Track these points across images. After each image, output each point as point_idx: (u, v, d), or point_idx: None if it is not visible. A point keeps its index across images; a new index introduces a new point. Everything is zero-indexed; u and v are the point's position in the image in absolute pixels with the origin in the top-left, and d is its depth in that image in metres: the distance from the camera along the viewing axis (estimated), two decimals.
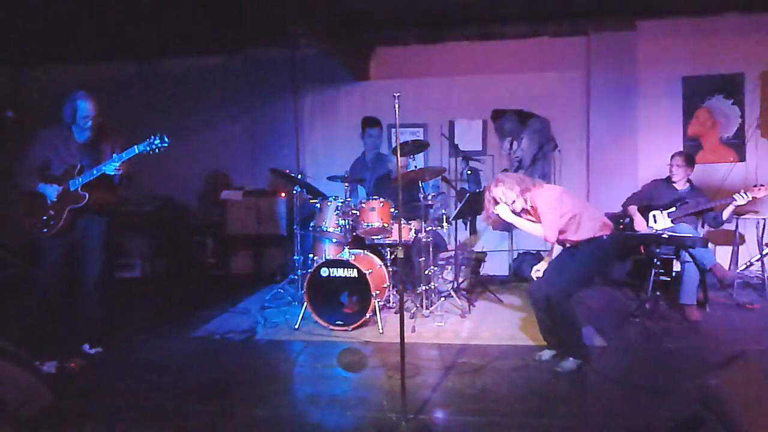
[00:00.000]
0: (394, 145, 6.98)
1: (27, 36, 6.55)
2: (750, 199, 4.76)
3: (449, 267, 5.89)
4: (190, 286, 6.73)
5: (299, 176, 5.73)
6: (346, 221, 4.97)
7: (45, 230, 3.99)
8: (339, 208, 5.02)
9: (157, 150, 3.85)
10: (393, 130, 7.05)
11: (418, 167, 5.35)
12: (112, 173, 3.89)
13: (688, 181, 5.26)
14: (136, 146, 3.87)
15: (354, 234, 5.10)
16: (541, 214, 3.80)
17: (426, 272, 5.19)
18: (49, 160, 4.04)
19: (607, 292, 5.86)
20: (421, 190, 5.17)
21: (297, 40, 6.76)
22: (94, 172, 3.92)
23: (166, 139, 3.87)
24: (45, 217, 3.99)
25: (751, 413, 2.37)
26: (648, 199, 5.33)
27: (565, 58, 6.94)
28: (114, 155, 3.89)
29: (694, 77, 6.66)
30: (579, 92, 6.97)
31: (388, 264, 5.18)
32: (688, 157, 5.28)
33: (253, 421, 3.17)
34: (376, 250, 5.31)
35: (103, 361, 4.12)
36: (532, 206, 3.89)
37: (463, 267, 6.07)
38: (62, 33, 6.51)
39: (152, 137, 3.86)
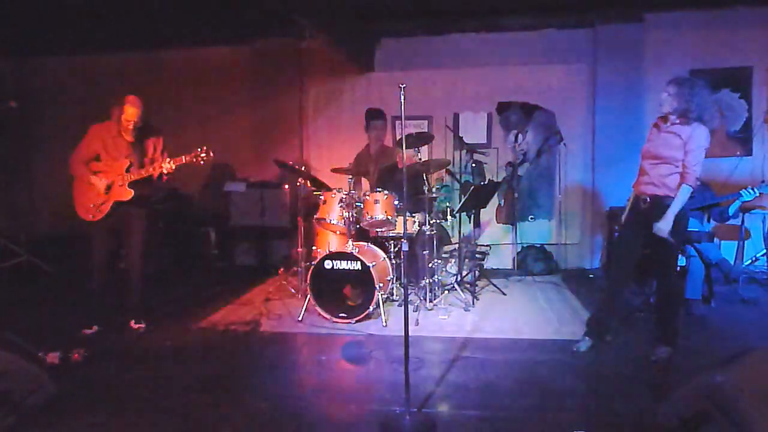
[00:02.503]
0: (398, 136, 6.95)
1: (31, 26, 6.53)
2: (757, 195, 4.73)
3: (453, 260, 5.88)
4: (194, 277, 6.73)
5: (303, 168, 5.71)
6: (350, 213, 4.96)
7: (92, 216, 4.42)
8: (343, 200, 5.00)
9: (201, 162, 4.35)
10: (397, 122, 7.02)
11: (422, 159, 5.32)
12: (165, 173, 4.42)
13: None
14: (183, 156, 4.38)
15: (358, 226, 5.09)
16: (692, 152, 3.56)
17: (430, 265, 5.18)
18: (97, 153, 4.44)
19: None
20: (426, 183, 5.15)
21: (303, 32, 6.73)
22: (143, 172, 4.40)
23: (211, 154, 4.36)
24: (93, 205, 4.42)
25: (758, 409, 2.36)
26: None
27: (572, 51, 6.90)
28: (165, 161, 4.40)
29: (702, 70, 6.60)
30: (585, 85, 6.93)
31: (392, 257, 5.17)
32: None
33: (257, 412, 3.17)
34: (380, 242, 5.30)
35: (107, 351, 4.13)
36: (676, 130, 3.63)
37: (466, 260, 6.06)
38: (66, 23, 6.49)
39: (199, 149, 4.35)
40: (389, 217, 4.94)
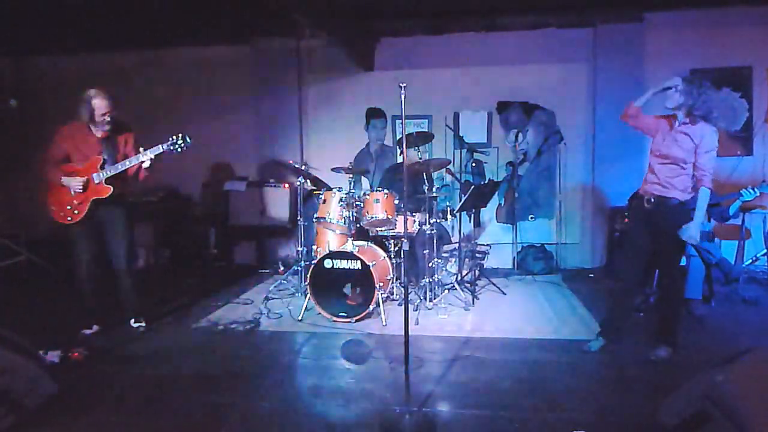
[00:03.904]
0: (398, 136, 6.95)
1: (30, 25, 6.52)
2: (757, 194, 4.73)
3: (453, 259, 5.88)
4: (194, 276, 6.73)
5: (303, 167, 5.71)
6: (350, 213, 4.96)
7: (69, 219, 4.30)
8: (343, 199, 5.00)
9: (179, 149, 4.22)
10: (397, 121, 7.02)
11: (422, 159, 5.32)
12: (146, 165, 4.29)
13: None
14: (161, 145, 4.24)
15: (358, 226, 5.09)
16: (706, 155, 3.57)
17: (430, 264, 5.18)
18: (68, 154, 4.33)
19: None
20: (426, 182, 5.14)
21: (302, 31, 6.73)
22: (119, 166, 4.26)
23: (188, 140, 4.21)
24: (69, 207, 4.29)
25: (758, 409, 2.36)
26: None
27: (572, 50, 6.89)
28: (141, 151, 4.26)
29: (702, 70, 6.58)
30: (585, 84, 6.92)
31: (392, 256, 5.17)
32: None
33: (256, 412, 3.17)
34: (380, 242, 5.30)
35: (106, 350, 4.13)
36: (686, 131, 3.62)
37: (466, 259, 6.06)
38: (66, 22, 6.47)
39: (174, 137, 4.23)
40: (389, 217, 4.93)
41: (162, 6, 5.87)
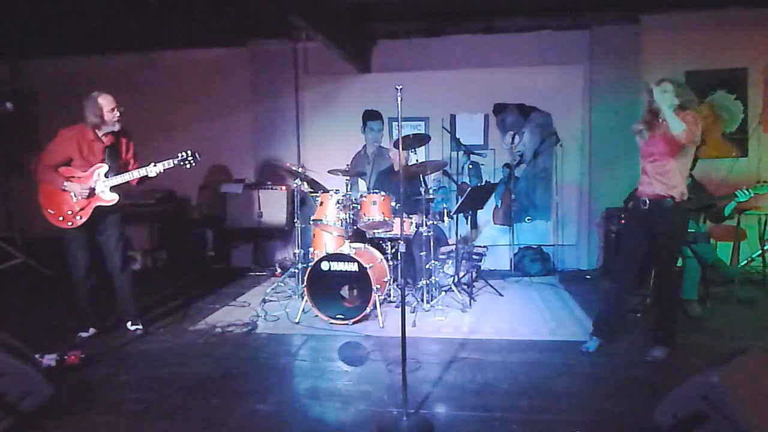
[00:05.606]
0: (395, 138, 6.96)
1: (28, 28, 6.52)
2: (752, 195, 4.74)
3: (450, 261, 5.89)
4: (191, 278, 6.72)
5: (300, 169, 5.71)
6: (347, 215, 4.96)
7: (70, 224, 4.28)
8: (340, 201, 5.01)
9: (188, 165, 4.30)
10: (394, 123, 7.03)
11: (419, 161, 5.33)
12: (153, 176, 4.34)
13: (690, 176, 5.23)
14: (171, 160, 4.31)
15: (355, 228, 5.09)
16: (689, 123, 3.55)
17: (427, 266, 5.19)
18: (70, 158, 4.26)
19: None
20: (423, 184, 5.15)
21: (299, 33, 6.73)
22: (126, 176, 4.29)
23: (198, 156, 4.30)
24: (70, 212, 4.27)
25: (754, 409, 2.37)
26: None
27: (568, 52, 6.91)
28: (151, 165, 4.29)
29: (698, 72, 6.63)
30: (581, 86, 6.94)
31: (389, 258, 5.17)
32: None
33: (254, 414, 3.17)
34: (377, 244, 5.30)
35: (103, 353, 4.12)
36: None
37: (463, 261, 6.07)
38: (63, 25, 6.47)
39: (184, 153, 4.33)
40: (386, 219, 4.94)
41: (158, 8, 5.87)
